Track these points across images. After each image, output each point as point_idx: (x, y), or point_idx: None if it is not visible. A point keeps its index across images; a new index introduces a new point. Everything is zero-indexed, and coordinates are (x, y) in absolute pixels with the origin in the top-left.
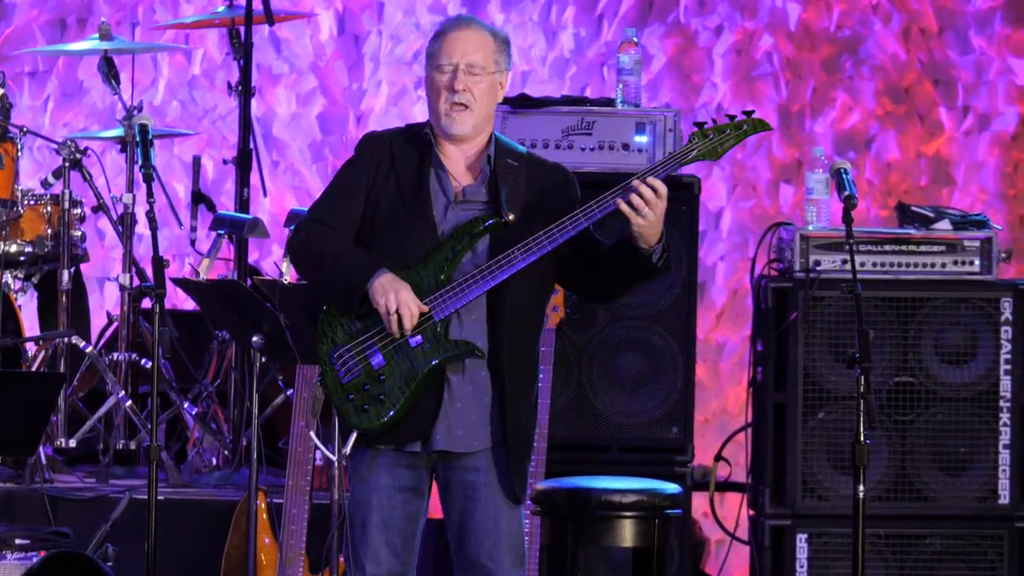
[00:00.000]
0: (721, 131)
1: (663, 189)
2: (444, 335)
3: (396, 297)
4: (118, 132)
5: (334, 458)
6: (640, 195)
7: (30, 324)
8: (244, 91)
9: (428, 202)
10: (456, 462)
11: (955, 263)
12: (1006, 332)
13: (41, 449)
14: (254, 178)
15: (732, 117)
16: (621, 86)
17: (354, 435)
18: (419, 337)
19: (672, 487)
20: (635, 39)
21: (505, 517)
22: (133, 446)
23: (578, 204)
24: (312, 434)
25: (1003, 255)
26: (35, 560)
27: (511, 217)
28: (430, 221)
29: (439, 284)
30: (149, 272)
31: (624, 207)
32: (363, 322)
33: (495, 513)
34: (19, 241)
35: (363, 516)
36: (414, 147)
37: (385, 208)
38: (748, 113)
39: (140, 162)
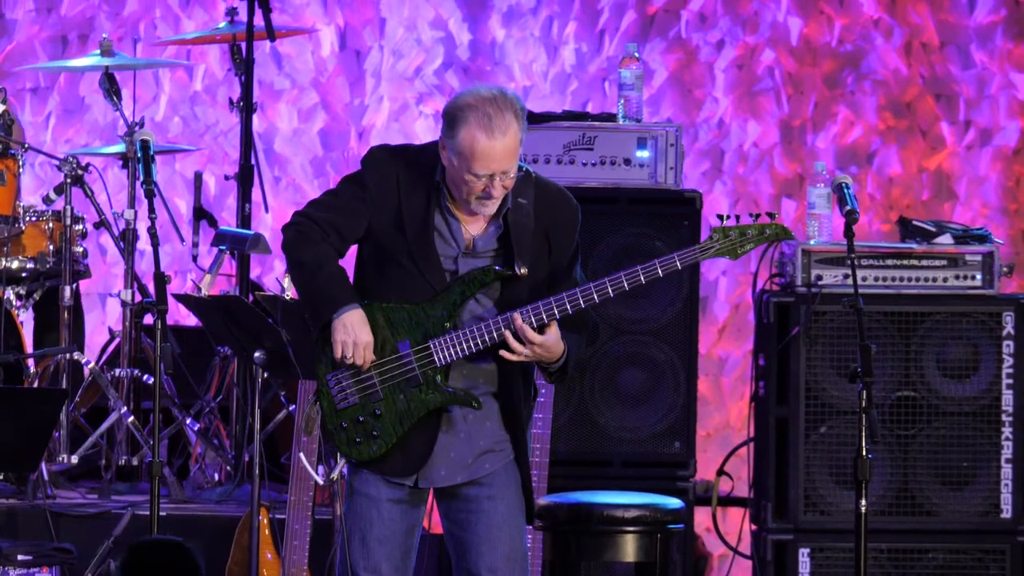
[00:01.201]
0: (743, 232)
1: (536, 339)
2: (445, 380)
3: (353, 344)
4: (120, 148)
5: (322, 482)
6: (516, 337)
7: (30, 341)
8: (246, 107)
9: (435, 250)
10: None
11: (957, 277)
12: (1008, 346)
13: (43, 465)
14: (256, 194)
15: (756, 216)
16: (622, 101)
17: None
18: (419, 376)
19: (674, 502)
20: (636, 54)
21: (508, 529)
22: (135, 462)
23: (577, 237)
24: (302, 456)
25: (1005, 269)
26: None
27: (523, 271)
28: (438, 267)
29: (444, 329)
30: (151, 288)
31: (508, 338)
32: None
33: (498, 525)
34: (21, 257)
35: (362, 529)
36: (423, 186)
37: (390, 246)
38: (772, 216)
39: (142, 178)
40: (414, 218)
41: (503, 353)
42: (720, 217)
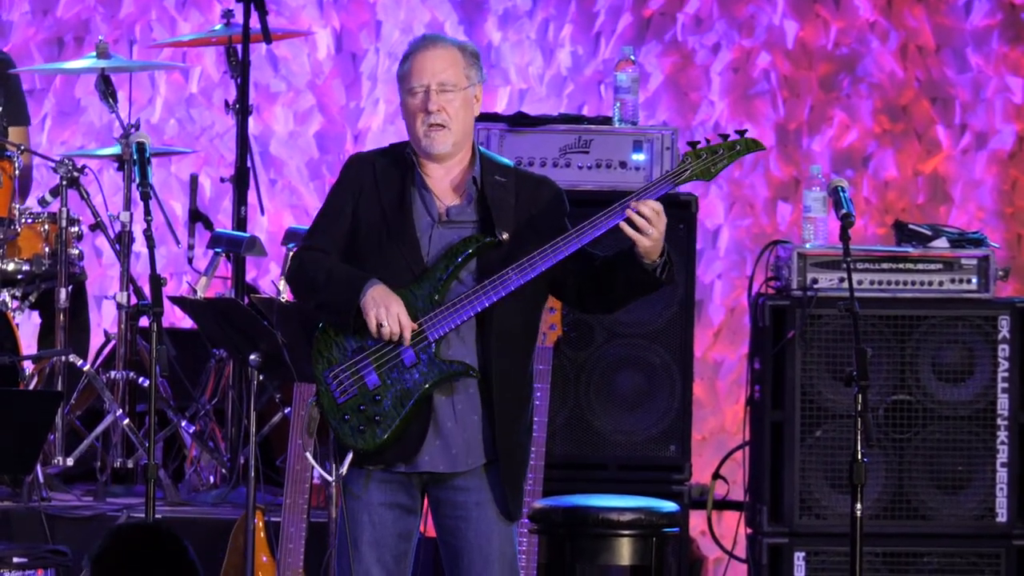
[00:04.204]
0: (714, 151)
1: (660, 207)
2: (438, 355)
3: (387, 310)
4: (115, 150)
5: (331, 479)
6: (643, 215)
7: (28, 344)
8: (242, 109)
9: (411, 223)
10: (448, 481)
11: (952, 281)
12: (1003, 350)
13: (39, 467)
14: (251, 196)
15: (725, 136)
16: (618, 104)
17: (350, 455)
18: (412, 356)
19: (670, 505)
20: (632, 57)
21: (497, 536)
22: (131, 464)
23: (567, 218)
24: (308, 454)
25: (1000, 273)
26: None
27: (504, 236)
28: (413, 242)
29: (433, 304)
30: (147, 290)
31: (629, 230)
32: (358, 340)
33: (487, 532)
34: (16, 259)
35: (354, 533)
36: (397, 168)
37: (368, 230)
38: (741, 132)
39: (138, 180)
40: (392, 200)
41: (638, 239)
42: (691, 144)
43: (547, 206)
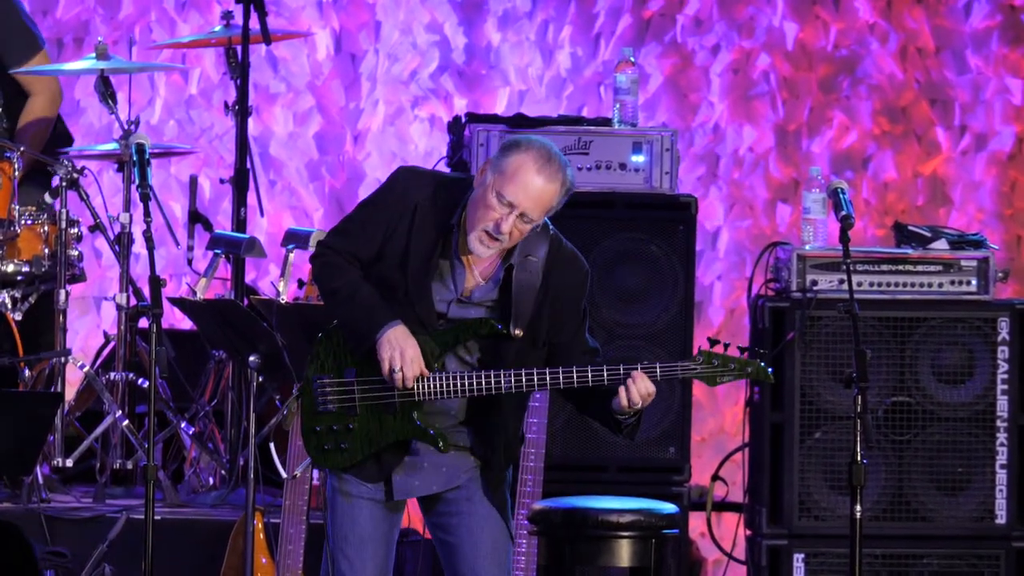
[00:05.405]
0: (726, 363)
1: (653, 391)
2: (420, 415)
3: (402, 355)
4: (113, 146)
5: (285, 475)
6: (639, 390)
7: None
8: (241, 110)
9: (430, 291)
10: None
11: (952, 283)
12: (1003, 352)
13: (38, 468)
14: (251, 197)
15: (744, 350)
16: (618, 105)
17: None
18: (396, 405)
19: (669, 507)
20: (632, 58)
21: (489, 530)
22: (130, 466)
23: (584, 301)
24: (271, 445)
25: (1000, 275)
26: None
27: (517, 333)
28: (429, 307)
29: (431, 369)
30: (146, 292)
31: (623, 395)
32: (357, 364)
33: (479, 525)
34: (16, 261)
35: (345, 529)
36: (437, 224)
37: (388, 275)
38: (757, 353)
39: (137, 182)
40: (418, 254)
41: (623, 404)
42: (711, 341)
43: (569, 290)
